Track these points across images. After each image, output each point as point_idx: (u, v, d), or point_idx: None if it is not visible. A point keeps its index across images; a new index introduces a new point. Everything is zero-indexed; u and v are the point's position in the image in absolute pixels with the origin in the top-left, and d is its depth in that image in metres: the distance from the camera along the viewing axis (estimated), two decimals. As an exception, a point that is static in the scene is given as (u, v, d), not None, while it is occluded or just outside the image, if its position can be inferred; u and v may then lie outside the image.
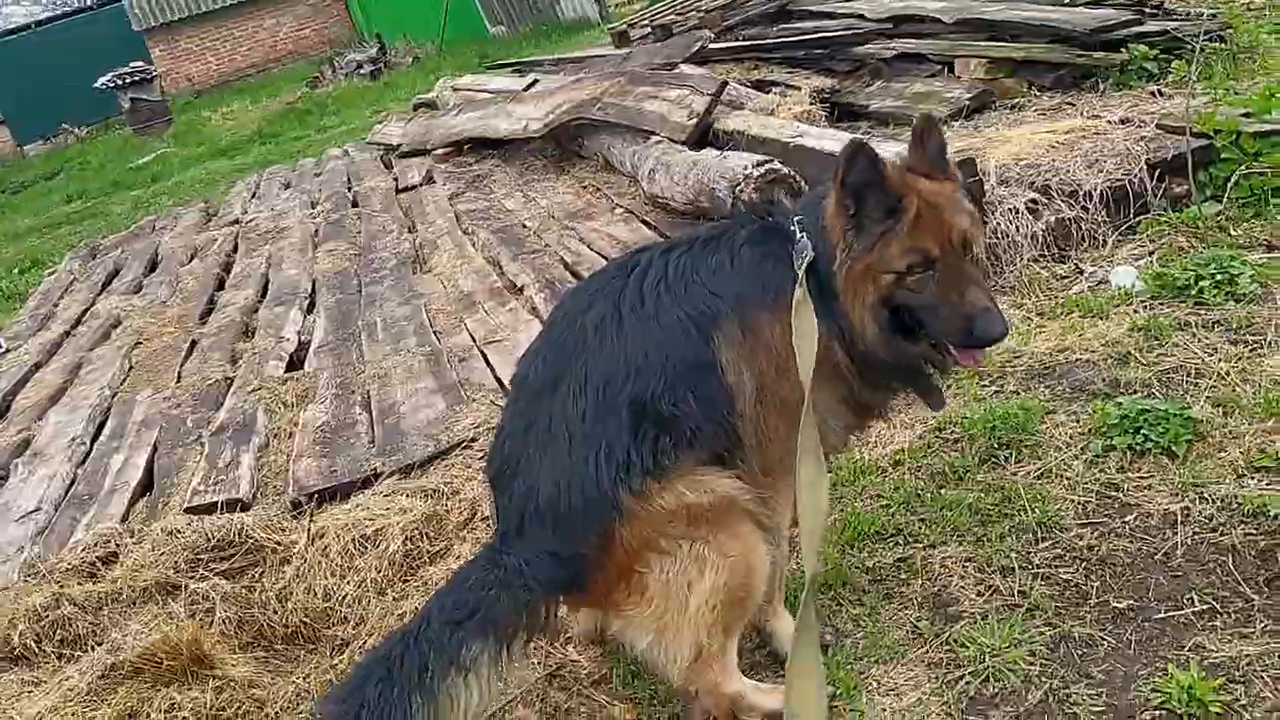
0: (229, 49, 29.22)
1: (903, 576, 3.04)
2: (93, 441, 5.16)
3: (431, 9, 24.72)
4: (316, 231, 8.68)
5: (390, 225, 8.20)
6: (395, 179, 9.78)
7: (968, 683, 2.61)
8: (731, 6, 10.00)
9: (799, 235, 2.58)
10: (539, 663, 3.06)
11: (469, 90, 11.05)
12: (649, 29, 10.73)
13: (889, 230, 2.45)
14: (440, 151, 9.88)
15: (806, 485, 2.44)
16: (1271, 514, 2.81)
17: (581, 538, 2.46)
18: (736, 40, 9.25)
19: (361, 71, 23.91)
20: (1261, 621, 2.56)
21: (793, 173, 5.08)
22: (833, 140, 5.46)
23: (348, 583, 3.39)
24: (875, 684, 2.69)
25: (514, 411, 2.71)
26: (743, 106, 6.98)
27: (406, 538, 3.50)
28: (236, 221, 9.78)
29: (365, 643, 3.19)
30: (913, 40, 7.46)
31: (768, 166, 5.02)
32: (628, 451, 2.44)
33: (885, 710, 2.60)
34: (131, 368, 6.18)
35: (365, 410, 4.74)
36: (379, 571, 3.43)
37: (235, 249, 8.77)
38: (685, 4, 11.06)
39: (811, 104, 6.96)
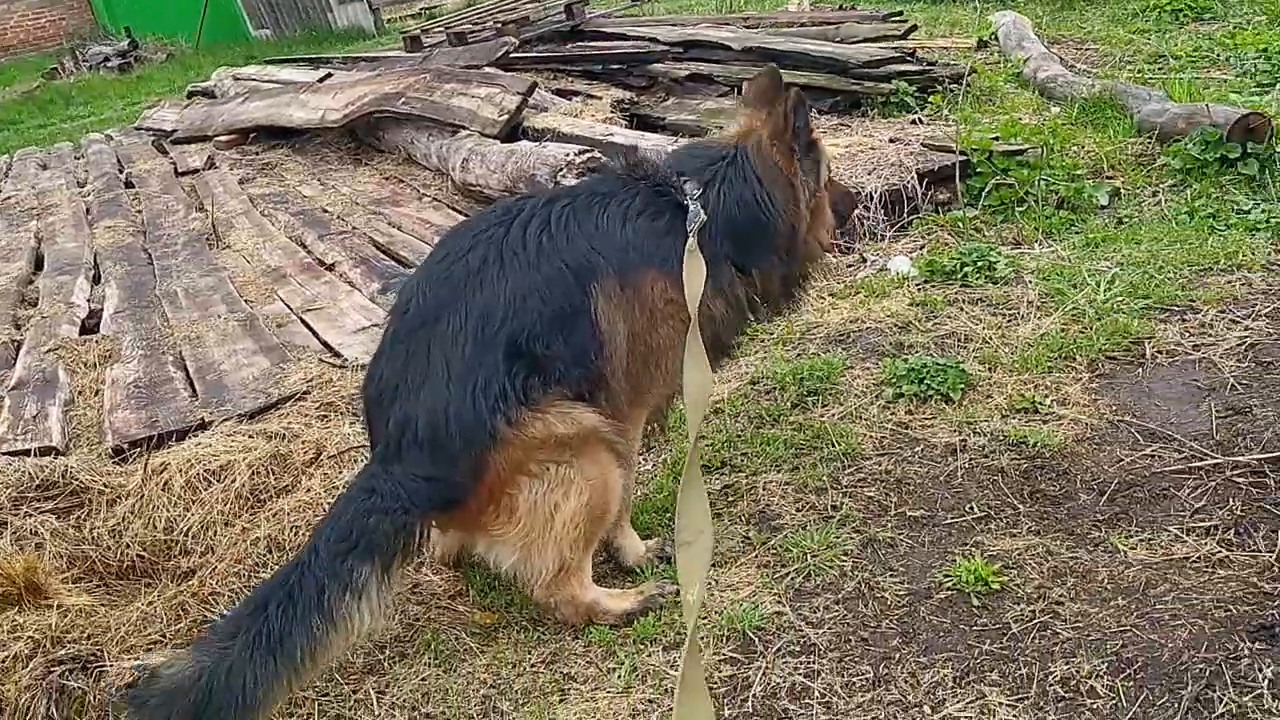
0: (-48, 37, 26.74)
1: (731, 499, 3.41)
2: None
3: (187, 6, 23.62)
4: (89, 210, 8.27)
5: (175, 205, 7.96)
6: (174, 163, 9.43)
7: (793, 578, 2.99)
8: (526, 22, 10.35)
9: (692, 203, 2.83)
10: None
11: (254, 79, 10.80)
12: (443, 36, 10.88)
13: (817, 161, 2.95)
14: (224, 139, 9.63)
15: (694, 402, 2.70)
16: (1030, 443, 3.39)
17: (458, 462, 2.61)
18: (533, 53, 9.59)
19: (109, 65, 22.56)
20: (1026, 523, 3.09)
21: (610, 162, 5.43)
22: (641, 140, 5.89)
23: (192, 515, 3.40)
24: (714, 583, 3.03)
25: (392, 340, 2.81)
26: (548, 110, 7.32)
27: (253, 472, 3.54)
28: (-9, 198, 9.13)
29: (215, 568, 3.23)
30: (704, 64, 8.06)
31: (589, 154, 5.36)
32: (503, 385, 2.61)
33: (726, 603, 2.94)
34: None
35: (180, 369, 4.67)
36: (226, 504, 3.45)
37: (-7, 224, 8.21)
38: (480, 15, 11.31)
39: (613, 113, 7.39)
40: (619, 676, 2.71)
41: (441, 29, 11.37)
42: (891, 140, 5.95)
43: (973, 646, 2.66)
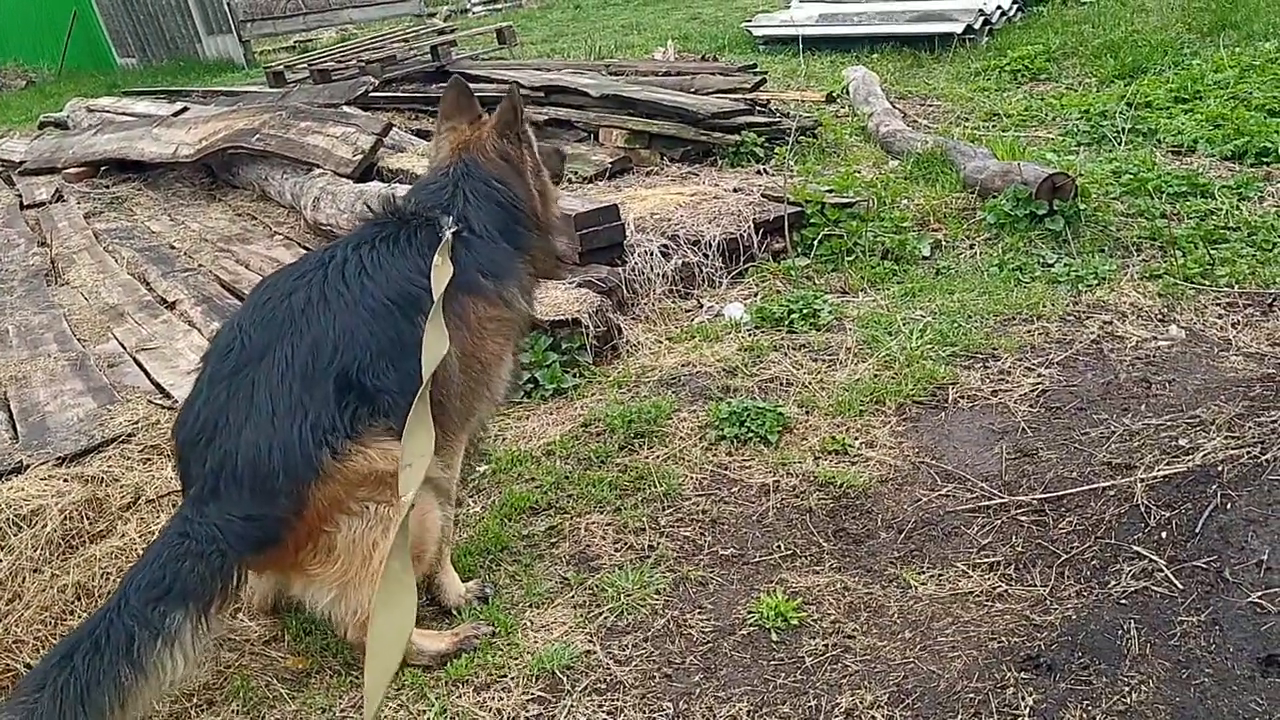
0: None
1: (553, 540, 3.49)
2: None
3: (49, 32, 22.84)
4: (-79, 242, 7.91)
5: (16, 239, 7.68)
6: (19, 195, 9.11)
7: (606, 617, 3.08)
8: (392, 61, 10.36)
9: (447, 231, 3.01)
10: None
11: (108, 111, 10.52)
12: (307, 73, 10.80)
13: (530, 143, 3.27)
14: (73, 171, 9.34)
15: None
16: (838, 483, 3.57)
17: (277, 498, 2.61)
18: (397, 93, 9.62)
19: (-36, 91, 21.63)
20: (829, 561, 3.26)
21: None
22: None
23: (0, 561, 3.31)
24: (530, 624, 3.09)
25: (211, 380, 2.80)
26: (405, 150, 7.34)
27: (66, 517, 3.45)
28: None
29: (21, 615, 3.15)
30: (563, 109, 8.21)
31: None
32: (332, 418, 2.67)
33: (538, 642, 3.00)
34: None
35: (3, 410, 4.51)
36: (36, 550, 3.36)
37: None
38: (345, 53, 11.27)
39: (470, 155, 7.43)
40: (429, 718, 2.74)
41: (306, 65, 11.28)
42: (735, 190, 6.17)
43: (769, 680, 2.79)
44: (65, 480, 3.67)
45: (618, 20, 17.20)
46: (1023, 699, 2.58)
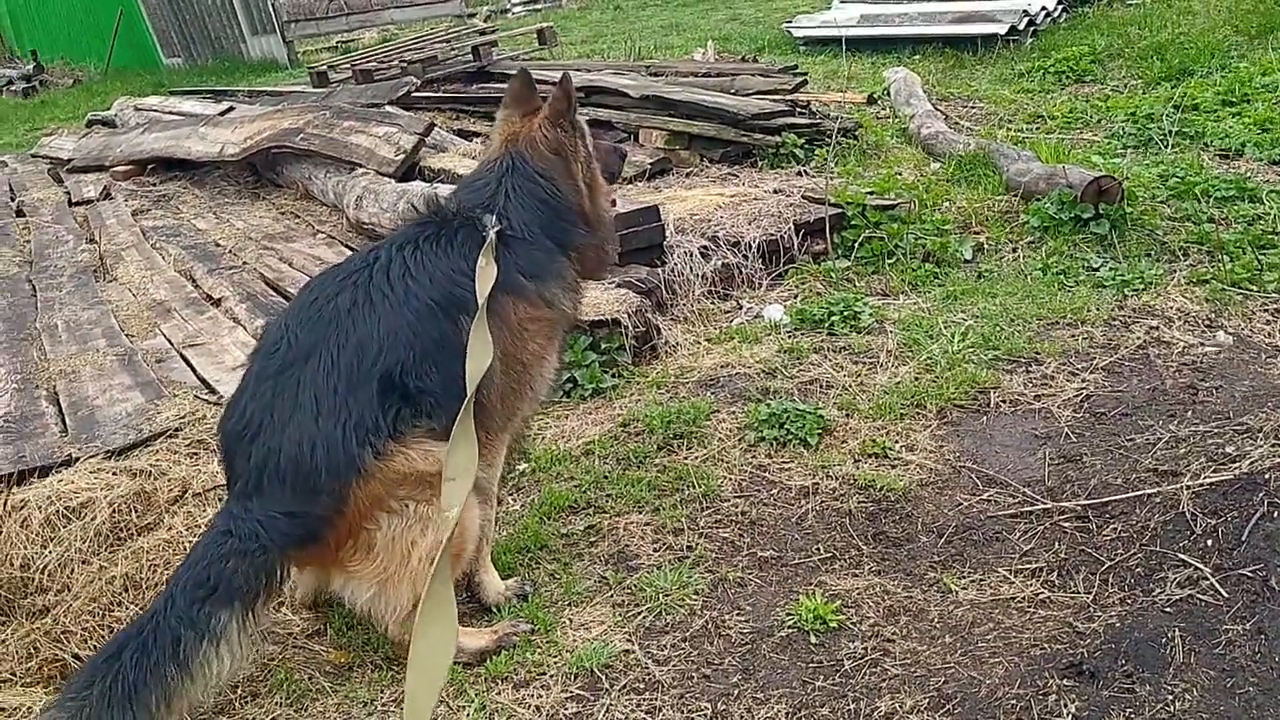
0: None
1: (592, 539, 3.51)
2: None
3: (97, 31, 23.20)
4: (-27, 238, 8.07)
5: (65, 236, 7.82)
6: (68, 192, 9.27)
7: (644, 617, 3.10)
8: (434, 61, 10.44)
9: (490, 232, 2.97)
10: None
11: (156, 110, 10.68)
12: (350, 73, 10.92)
13: (583, 133, 3.19)
14: (121, 169, 9.49)
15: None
16: (878, 487, 3.56)
17: (319, 496, 2.65)
18: (438, 93, 9.69)
19: (12, 88, 22.09)
20: (868, 564, 3.26)
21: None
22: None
23: (50, 553, 3.37)
24: (569, 622, 3.11)
25: (258, 378, 2.84)
26: (446, 150, 7.40)
27: (114, 510, 3.51)
28: None
29: (70, 606, 3.21)
30: (603, 110, 8.23)
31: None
32: (376, 419, 2.70)
33: (577, 641, 3.02)
34: None
35: (53, 404, 4.60)
36: (85, 542, 3.42)
37: None
38: (388, 53, 11.38)
39: (511, 155, 7.47)
40: (468, 715, 2.77)
41: (349, 65, 11.39)
42: (775, 191, 6.17)
43: (807, 683, 2.79)
44: (114, 474, 3.73)
45: (657, 21, 17.20)
46: (1065, 706, 2.56)
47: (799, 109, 7.79)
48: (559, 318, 3.14)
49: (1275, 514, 2.99)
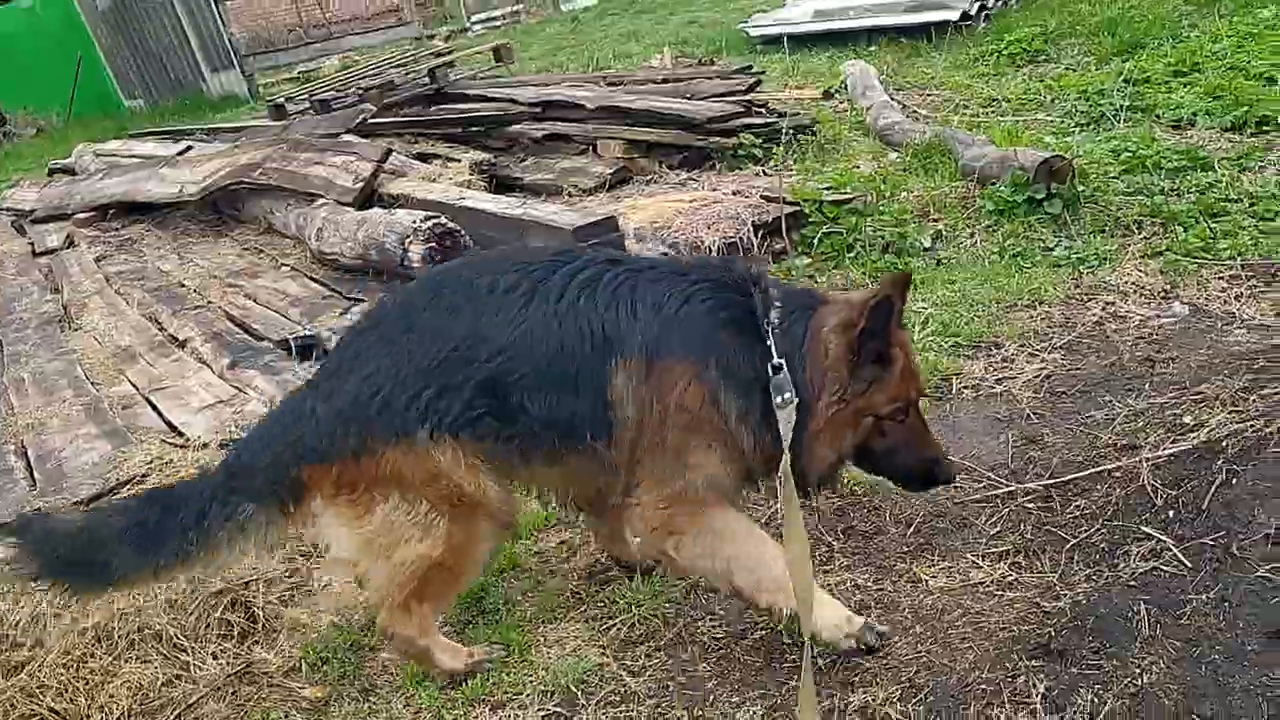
0: None
1: (564, 555, 3.51)
2: None
3: (57, 80, 23.09)
4: (-62, 296, 8.03)
5: (30, 287, 7.80)
6: (31, 244, 9.23)
7: (619, 629, 3.10)
8: (390, 87, 10.42)
9: (781, 366, 2.55)
10: (227, 663, 3.23)
11: (114, 155, 10.65)
12: (308, 104, 10.90)
13: (880, 377, 2.57)
14: (83, 216, 9.44)
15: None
16: (844, 481, 3.56)
17: (361, 438, 2.63)
18: (397, 117, 9.69)
19: (-24, 141, 21.96)
20: (839, 559, 3.26)
21: (460, 229, 5.52)
22: (493, 203, 6.01)
23: (22, 608, 3.36)
24: (543, 639, 3.11)
25: (374, 325, 2.83)
26: (405, 175, 7.40)
27: (84, 561, 3.50)
28: None
29: (44, 660, 3.19)
30: (561, 123, 8.25)
31: (434, 220, 5.45)
32: (455, 409, 2.61)
33: (552, 657, 3.02)
34: None
35: (21, 458, 4.59)
36: (55, 596, 3.41)
37: None
38: (345, 82, 11.36)
39: (471, 175, 7.50)
40: (446, 741, 2.77)
41: (306, 96, 11.38)
42: (734, 193, 6.19)
43: (782, 683, 2.79)
44: (82, 524, 3.72)
45: (615, 30, 17.25)
46: (1034, 687, 2.57)
47: (756, 109, 7.83)
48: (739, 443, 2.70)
49: (1234, 481, 3.01)
